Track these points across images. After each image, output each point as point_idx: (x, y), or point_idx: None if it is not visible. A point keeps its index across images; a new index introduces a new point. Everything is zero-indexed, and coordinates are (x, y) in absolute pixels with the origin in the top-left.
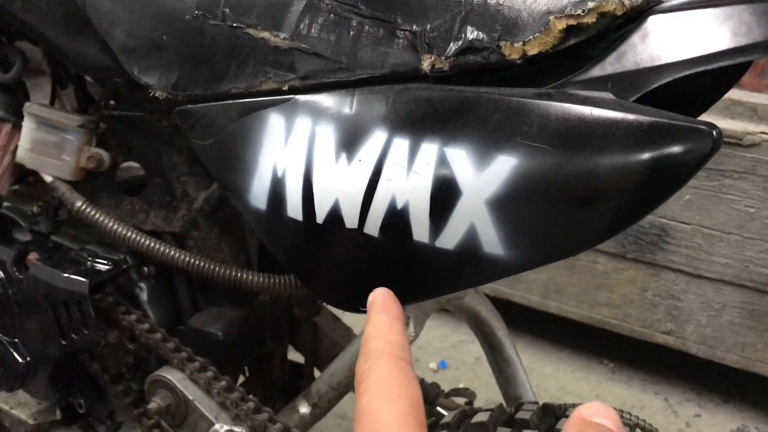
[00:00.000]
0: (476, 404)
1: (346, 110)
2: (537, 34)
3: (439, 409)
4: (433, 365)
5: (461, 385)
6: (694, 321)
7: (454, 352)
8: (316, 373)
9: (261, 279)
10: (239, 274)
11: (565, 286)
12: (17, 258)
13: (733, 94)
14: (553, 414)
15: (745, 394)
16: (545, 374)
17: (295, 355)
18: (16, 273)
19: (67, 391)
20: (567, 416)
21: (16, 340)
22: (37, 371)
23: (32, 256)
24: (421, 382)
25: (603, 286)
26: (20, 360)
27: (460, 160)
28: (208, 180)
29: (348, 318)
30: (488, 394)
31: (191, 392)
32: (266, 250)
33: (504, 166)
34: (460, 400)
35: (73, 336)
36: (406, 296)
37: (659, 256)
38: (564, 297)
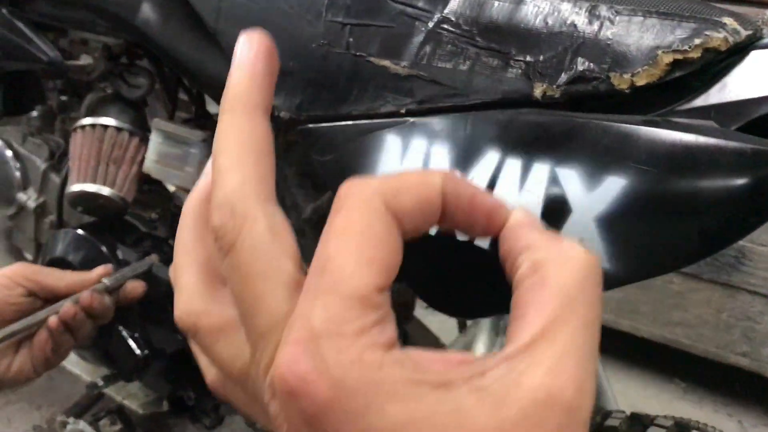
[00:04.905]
0: None
1: (461, 132)
2: (645, 66)
3: None
4: None
5: None
6: None
7: None
8: None
9: None
10: None
11: (638, 304)
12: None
13: None
14: (641, 423)
15: None
16: (615, 391)
17: None
18: None
19: (178, 383)
20: (655, 425)
21: (137, 333)
22: (154, 364)
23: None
24: None
25: (677, 306)
26: (138, 352)
27: (571, 180)
28: (316, 193)
29: (435, 328)
30: None
31: None
32: None
33: (613, 186)
34: None
35: None
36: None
37: (735, 277)
38: (637, 315)
